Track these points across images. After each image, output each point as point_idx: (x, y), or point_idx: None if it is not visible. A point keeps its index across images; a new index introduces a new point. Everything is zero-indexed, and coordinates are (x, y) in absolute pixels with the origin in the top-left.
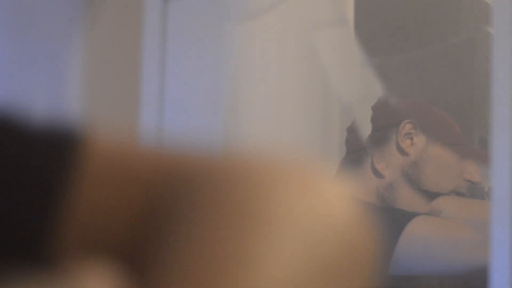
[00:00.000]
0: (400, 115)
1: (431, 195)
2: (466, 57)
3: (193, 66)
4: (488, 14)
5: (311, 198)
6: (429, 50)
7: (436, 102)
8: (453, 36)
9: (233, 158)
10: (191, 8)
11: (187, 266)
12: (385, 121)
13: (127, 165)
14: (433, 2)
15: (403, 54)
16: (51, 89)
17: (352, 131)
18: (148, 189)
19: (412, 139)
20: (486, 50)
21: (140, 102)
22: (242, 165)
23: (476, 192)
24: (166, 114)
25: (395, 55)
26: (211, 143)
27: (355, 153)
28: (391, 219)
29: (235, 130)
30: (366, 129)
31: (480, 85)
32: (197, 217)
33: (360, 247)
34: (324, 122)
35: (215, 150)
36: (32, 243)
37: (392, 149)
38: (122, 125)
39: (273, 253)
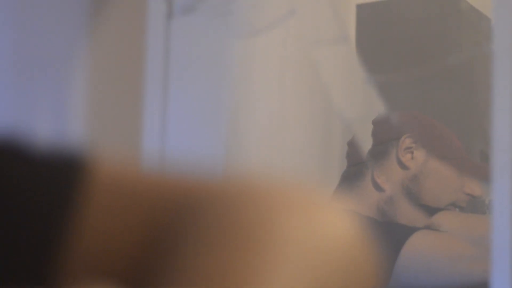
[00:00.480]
0: (401, 129)
1: (431, 210)
2: (467, 72)
3: (195, 87)
4: (489, 30)
5: (312, 220)
6: (430, 67)
7: (437, 116)
8: (454, 53)
9: (235, 182)
10: (194, 26)
11: None
12: (386, 135)
13: (130, 190)
14: (434, 19)
15: (405, 71)
16: (54, 115)
17: (352, 145)
18: (152, 213)
19: (412, 153)
20: (487, 65)
21: (142, 126)
22: (244, 189)
23: (477, 205)
24: (168, 137)
25: (396, 72)
26: (213, 166)
27: (356, 166)
28: (392, 234)
29: (237, 148)
30: (366, 143)
31: (480, 100)
32: (200, 240)
33: (362, 268)
34: (325, 137)
35: (217, 174)
36: (36, 267)
37: (393, 163)
38: (125, 149)
39: (277, 275)
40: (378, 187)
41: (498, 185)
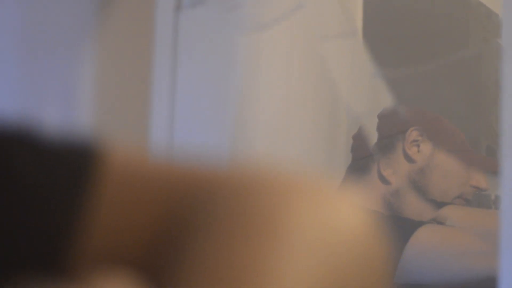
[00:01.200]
0: (407, 123)
1: (438, 204)
2: (474, 67)
3: (203, 79)
4: (497, 25)
5: (320, 209)
6: (437, 62)
7: (444, 111)
8: (462, 48)
9: (243, 171)
10: (202, 19)
11: (203, 278)
12: (392, 129)
13: (140, 179)
14: (442, 14)
15: (412, 66)
16: (63, 103)
17: (358, 139)
18: (162, 202)
19: (418, 146)
20: (495, 60)
21: (150, 116)
22: (252, 178)
23: (483, 200)
24: (176, 128)
25: (404, 67)
26: (220, 157)
27: (361, 160)
28: (398, 228)
29: (243, 140)
30: (372, 137)
31: (487, 95)
32: (209, 230)
33: (370, 257)
34: (331, 131)
35: (225, 163)
36: (50, 255)
37: (399, 157)
38: (133, 139)
39: (286, 265)
40: (384, 180)
41: (506, 180)
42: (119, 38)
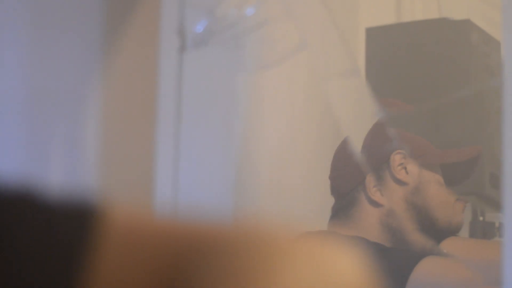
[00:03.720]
0: (387, 149)
1: (439, 235)
2: (477, 98)
3: (207, 123)
4: (499, 63)
5: (320, 266)
6: (439, 100)
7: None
8: (464, 85)
9: (245, 228)
10: (206, 60)
11: None
12: (375, 160)
13: (143, 236)
14: (444, 52)
15: (415, 103)
16: (67, 163)
17: (337, 179)
18: (165, 258)
19: (405, 168)
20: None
21: (154, 172)
22: (254, 235)
23: (486, 228)
24: (180, 183)
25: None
26: (223, 212)
27: (346, 197)
28: (399, 260)
29: (247, 185)
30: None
31: (490, 122)
32: (209, 285)
33: None
34: None
35: (228, 219)
36: None
37: (390, 183)
38: (137, 197)
39: None
40: (376, 204)
41: (509, 209)
42: (123, 82)
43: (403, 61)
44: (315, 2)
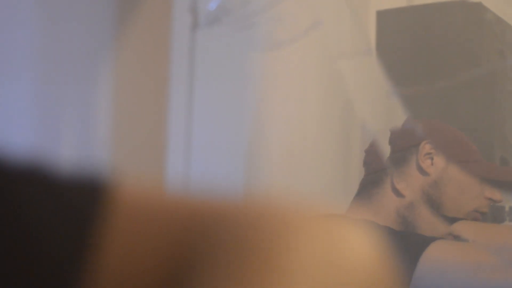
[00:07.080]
0: (419, 136)
1: (451, 219)
2: (489, 81)
3: (219, 100)
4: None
5: (331, 244)
6: (452, 80)
7: (459, 124)
8: (477, 65)
9: (256, 203)
10: (219, 38)
11: None
12: (405, 142)
13: (154, 212)
14: (457, 31)
15: (427, 83)
16: (78, 138)
17: (370, 153)
18: (175, 234)
19: (432, 159)
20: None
21: (166, 148)
22: (264, 210)
23: (497, 212)
24: (192, 158)
25: (419, 84)
26: (235, 187)
27: (374, 174)
28: (409, 244)
29: (258, 161)
30: (385, 151)
31: (502, 106)
32: (221, 261)
33: (382, 286)
34: (346, 146)
35: (239, 195)
36: None
37: (412, 170)
38: (149, 172)
39: None
40: (398, 193)
41: None
42: (136, 59)
43: (413, 44)
44: None
